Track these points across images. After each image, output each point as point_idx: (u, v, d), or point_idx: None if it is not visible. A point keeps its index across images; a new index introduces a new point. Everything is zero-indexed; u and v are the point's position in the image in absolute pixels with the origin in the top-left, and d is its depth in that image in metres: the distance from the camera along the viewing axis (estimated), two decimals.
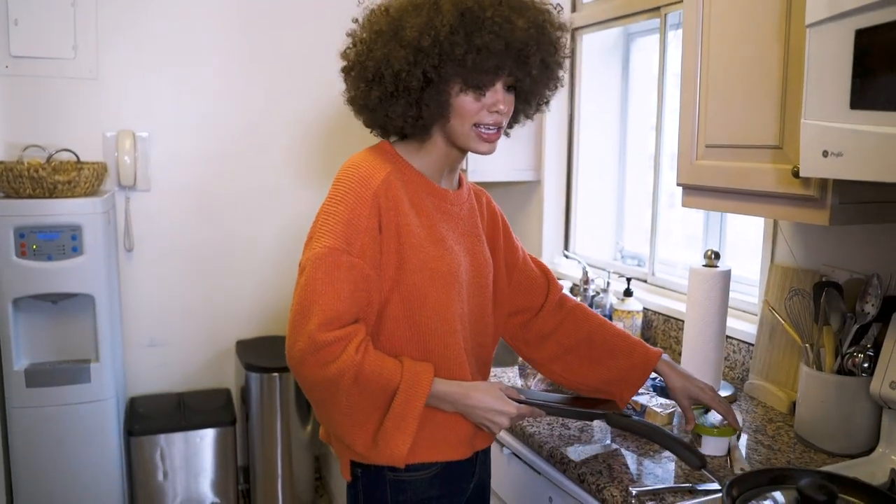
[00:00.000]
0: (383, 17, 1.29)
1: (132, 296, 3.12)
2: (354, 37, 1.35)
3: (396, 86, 1.26)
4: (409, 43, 1.24)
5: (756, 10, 1.40)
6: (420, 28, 1.23)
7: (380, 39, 1.27)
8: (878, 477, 1.37)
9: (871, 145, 1.09)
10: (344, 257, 1.23)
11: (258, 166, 3.27)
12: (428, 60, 1.24)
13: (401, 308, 1.31)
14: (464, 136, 1.32)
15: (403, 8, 1.28)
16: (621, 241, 2.83)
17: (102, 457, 2.74)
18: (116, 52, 2.95)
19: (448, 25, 1.23)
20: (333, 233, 1.24)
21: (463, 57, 1.24)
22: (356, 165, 1.31)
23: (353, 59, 1.34)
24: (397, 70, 1.25)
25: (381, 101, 1.30)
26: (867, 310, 1.49)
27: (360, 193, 1.26)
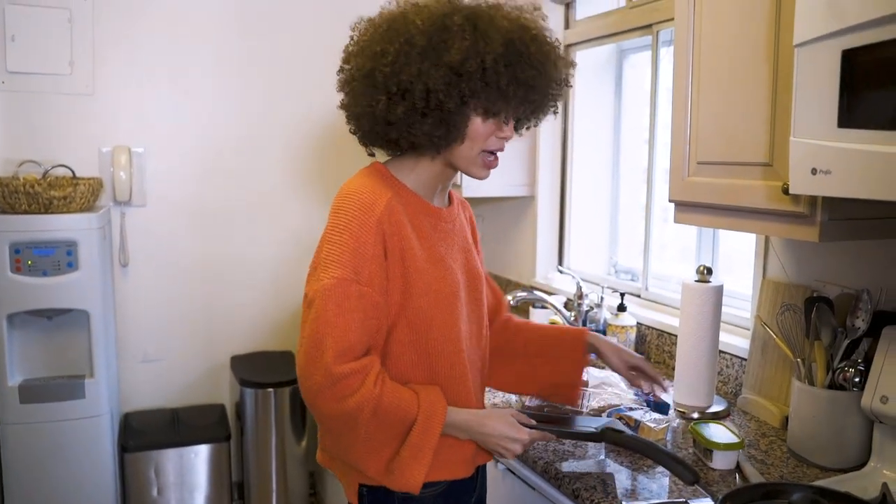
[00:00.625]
0: (415, 29, 1.25)
1: (127, 311, 3.12)
2: (367, 42, 1.30)
3: (428, 103, 1.24)
4: (451, 64, 1.22)
5: (745, 29, 1.42)
6: (465, 52, 1.22)
7: (413, 53, 1.24)
8: (870, 491, 1.38)
9: (858, 163, 1.11)
10: (353, 287, 1.22)
11: (254, 182, 3.28)
12: (468, 84, 1.24)
13: (407, 332, 1.31)
14: (468, 161, 1.33)
15: (440, 24, 1.25)
16: (615, 256, 2.84)
17: (96, 473, 2.73)
18: (112, 67, 2.97)
19: (494, 54, 1.23)
20: (340, 262, 1.23)
21: (506, 88, 1.25)
22: (357, 192, 1.29)
23: (368, 66, 1.28)
24: (433, 89, 1.23)
25: (405, 116, 1.26)
26: (858, 325, 1.51)
27: (363, 221, 1.25)
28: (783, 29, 1.33)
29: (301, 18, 3.26)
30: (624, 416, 1.68)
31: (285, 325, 3.43)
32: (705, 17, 1.52)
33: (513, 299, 2.52)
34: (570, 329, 1.67)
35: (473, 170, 1.34)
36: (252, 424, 3.03)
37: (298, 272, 3.36)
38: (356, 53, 1.32)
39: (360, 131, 1.38)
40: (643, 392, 1.71)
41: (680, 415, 1.83)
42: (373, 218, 1.25)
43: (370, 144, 1.41)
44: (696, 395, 1.83)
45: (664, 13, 2.26)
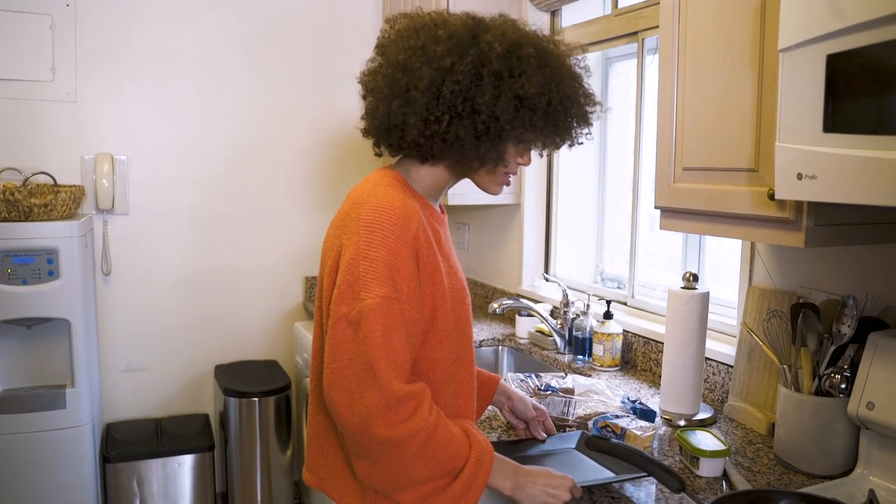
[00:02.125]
0: (492, 52, 1.22)
1: (109, 320, 3.08)
2: (432, 52, 1.24)
3: (489, 129, 1.24)
4: (523, 97, 1.23)
5: (730, 34, 1.42)
6: (539, 87, 1.23)
7: (486, 76, 1.22)
8: (857, 498, 1.37)
9: (844, 168, 1.11)
10: (396, 305, 1.19)
11: (238, 190, 3.26)
12: (530, 118, 1.25)
13: (436, 349, 1.30)
14: (490, 180, 1.35)
15: (516, 52, 1.24)
16: (601, 263, 2.84)
17: (77, 484, 2.69)
18: (95, 74, 2.94)
19: (561, 95, 1.26)
20: (381, 280, 1.18)
21: (560, 126, 1.29)
22: (390, 206, 1.23)
23: (433, 77, 1.23)
24: (501, 117, 1.23)
25: (463, 137, 1.24)
26: (843, 331, 1.50)
27: (401, 236, 1.21)
28: (768, 34, 1.33)
29: (288, 27, 3.25)
30: (610, 424, 1.67)
31: (270, 334, 3.40)
32: (690, 23, 1.52)
33: (499, 307, 2.51)
34: (484, 372, 1.66)
35: (492, 188, 1.37)
36: (236, 434, 3.00)
37: (282, 281, 3.37)
38: (415, 59, 1.25)
39: (394, 138, 1.31)
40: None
41: (666, 422, 1.82)
42: (409, 233, 1.22)
43: (386, 146, 1.36)
44: (683, 402, 1.82)
45: (649, 21, 2.27)
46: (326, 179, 3.40)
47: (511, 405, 1.66)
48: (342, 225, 1.28)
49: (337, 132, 3.35)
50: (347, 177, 3.40)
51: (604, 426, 1.68)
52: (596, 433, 1.67)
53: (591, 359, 2.34)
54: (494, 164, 1.31)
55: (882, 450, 1.43)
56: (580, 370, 2.28)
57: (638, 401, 1.82)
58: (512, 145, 1.30)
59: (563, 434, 1.68)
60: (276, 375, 3.16)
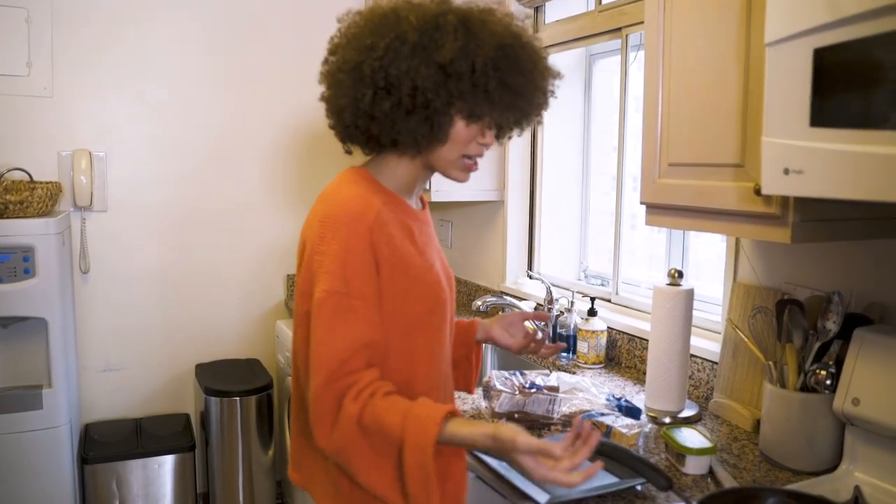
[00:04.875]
0: (408, 25, 1.22)
1: (88, 319, 3.04)
2: (356, 35, 1.27)
3: (414, 100, 1.22)
4: (441, 63, 1.20)
5: (716, 29, 1.41)
6: (456, 52, 1.20)
7: (403, 49, 1.21)
8: (842, 494, 1.37)
9: (830, 162, 1.10)
10: (345, 300, 1.18)
11: (218, 187, 3.22)
12: (456, 85, 1.22)
13: (401, 341, 1.27)
14: (449, 163, 1.31)
15: (432, 22, 1.23)
16: (585, 261, 2.83)
17: (55, 486, 2.65)
18: (72, 69, 2.90)
19: (484, 57, 1.21)
20: (331, 274, 1.19)
21: (493, 92, 1.23)
22: (345, 200, 1.25)
23: (355, 60, 1.25)
24: (421, 86, 1.21)
25: (390, 111, 1.23)
26: (829, 327, 1.50)
27: (354, 230, 1.21)
28: (754, 28, 1.32)
29: (269, 23, 3.21)
30: (595, 422, 1.66)
31: (251, 332, 3.37)
32: (675, 17, 1.51)
33: (482, 304, 2.49)
34: (462, 320, 1.65)
35: (453, 172, 1.33)
36: (217, 434, 2.96)
37: (263, 279, 3.34)
38: (343, 45, 1.28)
39: (340, 125, 1.33)
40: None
41: (652, 420, 1.81)
42: (363, 227, 1.21)
43: (349, 141, 1.36)
44: (668, 399, 1.81)
45: (633, 17, 2.26)
46: (306, 176, 3.37)
47: (497, 333, 1.63)
48: (308, 223, 1.31)
49: (315, 128, 3.32)
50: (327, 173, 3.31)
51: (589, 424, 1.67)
52: None
53: (575, 356, 2.33)
54: (436, 140, 1.27)
55: (867, 445, 1.43)
56: (565, 368, 2.27)
57: (623, 398, 1.81)
58: (457, 121, 1.26)
59: (555, 436, 1.67)
60: (257, 374, 3.12)
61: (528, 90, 1.29)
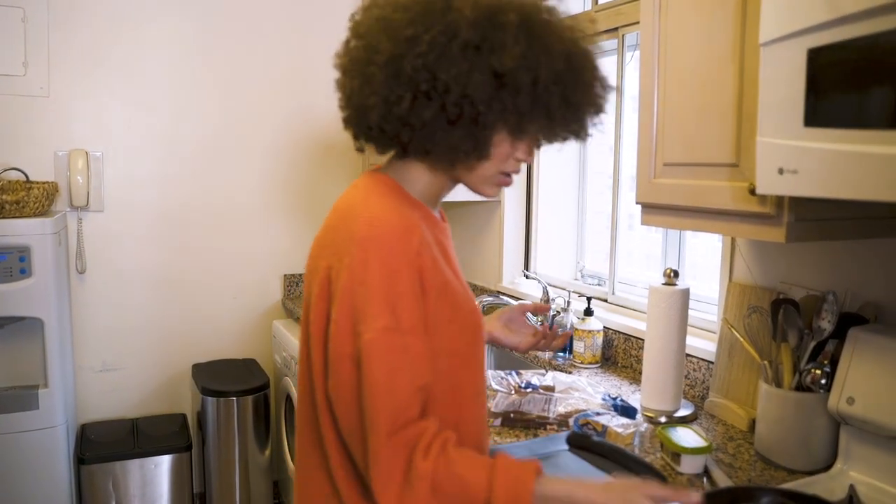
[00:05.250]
0: (461, 19, 1.03)
1: (84, 319, 3.04)
2: (393, 22, 1.06)
3: (461, 112, 1.04)
4: (499, 72, 1.03)
5: (711, 28, 1.41)
6: (519, 60, 1.03)
7: (454, 48, 1.02)
8: (837, 493, 1.37)
9: (824, 162, 1.10)
10: (398, 338, 1.02)
11: (215, 187, 3.22)
12: (513, 99, 1.05)
13: (446, 379, 1.11)
14: (483, 180, 1.16)
15: (492, 20, 1.03)
16: (582, 260, 2.83)
17: (51, 486, 2.65)
18: (69, 68, 2.89)
19: (550, 70, 1.05)
20: (379, 308, 1.01)
21: (554, 110, 1.08)
22: (386, 218, 1.06)
23: (390, 52, 1.05)
24: (473, 97, 1.03)
25: (431, 122, 1.05)
26: (824, 326, 1.50)
27: (401, 255, 1.04)
28: (749, 28, 1.32)
29: (266, 24, 3.21)
30: (591, 422, 1.66)
31: (248, 332, 3.37)
32: (671, 17, 1.51)
33: (479, 304, 2.49)
34: None
35: (485, 189, 1.18)
36: (214, 434, 2.96)
37: (260, 278, 3.34)
38: (374, 30, 1.08)
39: (361, 125, 1.14)
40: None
41: (647, 419, 1.82)
42: (411, 250, 1.05)
43: (368, 141, 1.17)
44: (664, 398, 1.81)
45: (629, 16, 2.26)
46: (304, 176, 3.36)
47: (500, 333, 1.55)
48: (330, 242, 1.10)
49: (314, 129, 3.32)
50: (326, 174, 3.37)
51: (585, 424, 1.67)
52: (577, 431, 1.66)
53: (571, 356, 2.33)
54: (477, 157, 1.11)
55: (862, 445, 1.44)
56: (561, 367, 2.27)
57: (619, 398, 1.82)
58: (502, 136, 1.10)
59: (552, 436, 1.67)
60: (254, 374, 3.12)
61: (588, 108, 1.15)
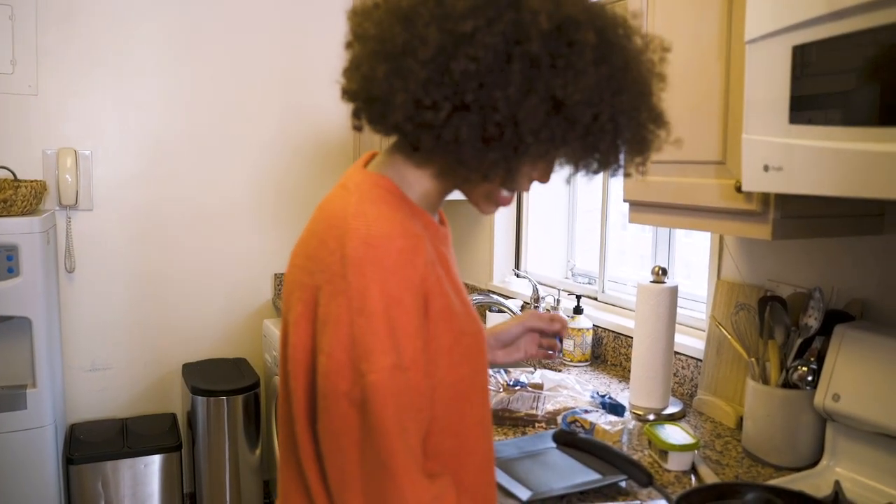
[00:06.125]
0: (533, 26, 0.83)
1: (73, 318, 3.02)
2: (453, 14, 0.84)
3: (502, 134, 0.87)
4: (562, 101, 0.86)
5: (697, 27, 1.42)
6: (586, 93, 0.86)
7: (516, 60, 0.84)
8: (823, 489, 1.38)
9: (809, 159, 1.11)
10: (402, 376, 0.87)
11: (205, 186, 3.21)
12: (563, 133, 0.88)
13: (446, 411, 0.96)
14: (486, 194, 1.01)
15: (566, 34, 0.85)
16: (572, 259, 2.83)
17: (40, 486, 2.63)
18: (58, 67, 2.88)
19: (615, 109, 0.89)
20: (384, 344, 0.86)
21: (604, 152, 0.94)
22: (387, 236, 0.89)
23: (437, 43, 0.84)
24: (524, 125, 0.86)
25: (465, 138, 0.87)
26: (810, 323, 1.51)
27: (405, 279, 0.88)
28: (735, 26, 1.33)
29: (257, 23, 3.20)
30: (579, 419, 1.67)
31: (238, 331, 3.36)
32: (658, 15, 1.52)
33: None
34: None
35: (485, 206, 1.03)
36: (204, 433, 2.95)
37: (250, 277, 3.33)
38: (424, 10, 0.86)
39: (373, 114, 0.94)
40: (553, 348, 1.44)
41: (636, 416, 1.82)
42: (416, 275, 0.89)
43: (367, 121, 0.97)
44: (652, 396, 1.82)
45: None
46: (295, 175, 3.35)
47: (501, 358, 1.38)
48: (316, 255, 0.92)
49: (306, 128, 3.31)
50: (317, 173, 3.37)
51: (573, 421, 1.67)
52: (565, 428, 1.67)
53: (561, 354, 2.33)
54: (501, 182, 0.97)
55: (847, 441, 1.44)
56: (551, 365, 2.27)
57: (607, 395, 1.82)
58: (530, 160, 0.93)
59: (540, 433, 1.67)
60: (244, 373, 3.11)
61: (636, 148, 0.97)
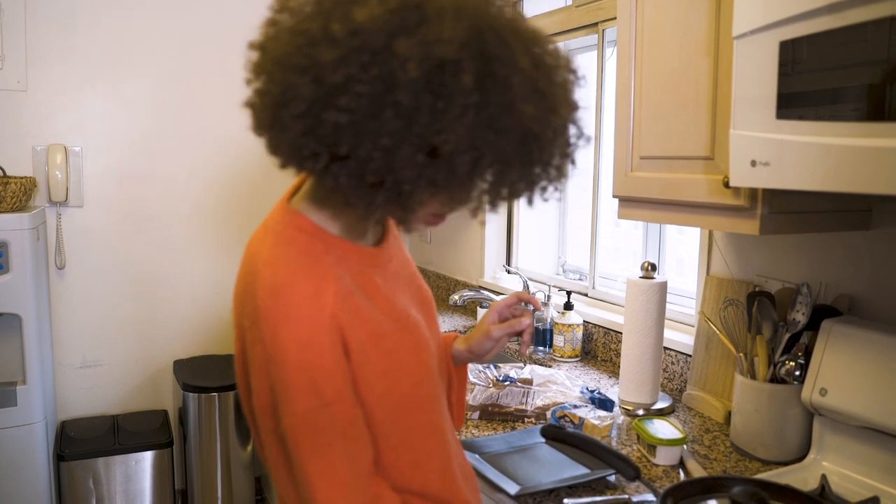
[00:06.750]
0: (405, 80, 0.78)
1: (64, 315, 3.01)
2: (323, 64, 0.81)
3: (382, 182, 0.85)
4: (434, 147, 0.81)
5: (687, 22, 1.42)
6: (463, 136, 0.80)
7: (387, 109, 0.79)
8: (810, 483, 1.38)
9: (796, 154, 1.11)
10: (323, 414, 0.89)
11: (195, 183, 3.20)
12: (446, 177, 0.84)
13: (392, 427, 0.98)
14: (408, 220, 0.94)
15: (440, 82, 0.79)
16: (564, 255, 2.84)
17: (30, 484, 2.62)
18: (47, 62, 2.86)
19: (502, 159, 0.84)
20: (297, 390, 0.89)
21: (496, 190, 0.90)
22: (290, 284, 0.91)
23: (312, 100, 0.82)
24: (398, 172, 0.83)
25: (347, 185, 0.87)
26: (798, 318, 1.51)
27: (312, 324, 0.89)
28: (723, 22, 1.33)
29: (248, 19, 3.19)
30: (568, 414, 1.67)
31: (229, 328, 3.33)
32: (647, 10, 1.52)
33: (460, 298, 2.50)
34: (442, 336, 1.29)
35: (410, 227, 0.98)
36: (195, 430, 2.95)
37: None
38: (294, 60, 0.85)
39: (272, 153, 0.99)
40: None
41: (625, 412, 1.83)
42: (324, 316, 0.90)
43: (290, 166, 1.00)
44: (641, 391, 1.82)
45: (609, 12, 2.27)
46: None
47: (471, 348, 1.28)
48: (240, 297, 0.99)
49: None
50: None
51: (562, 416, 1.68)
52: (554, 423, 1.67)
53: (551, 350, 2.34)
54: (398, 222, 0.96)
55: (834, 435, 1.45)
56: (541, 361, 2.28)
57: (597, 391, 1.82)
58: (420, 202, 0.89)
59: (529, 428, 1.68)
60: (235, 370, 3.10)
61: (541, 183, 0.95)
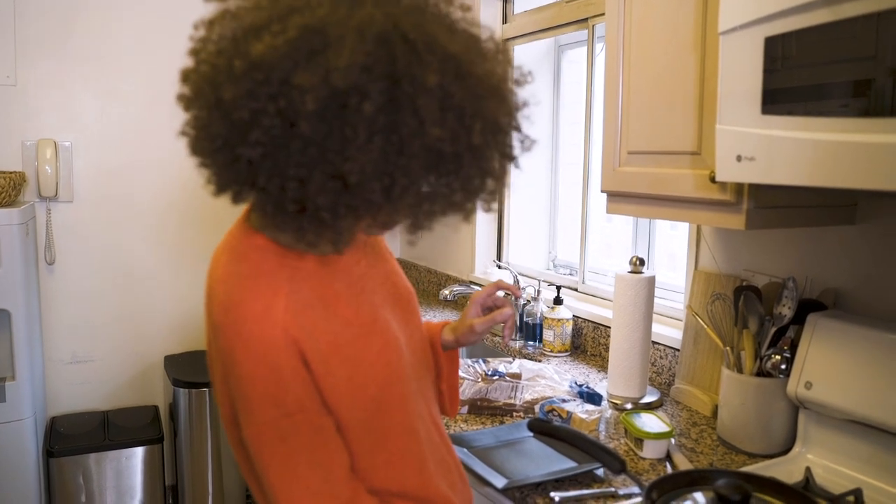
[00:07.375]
0: (303, 112, 0.79)
1: (53, 310, 3.00)
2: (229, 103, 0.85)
3: (303, 210, 0.86)
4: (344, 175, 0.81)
5: (674, 18, 1.42)
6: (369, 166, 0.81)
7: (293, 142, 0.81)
8: (795, 475, 1.39)
9: (781, 149, 1.12)
10: (285, 422, 0.92)
11: (188, 177, 3.18)
12: (364, 202, 0.85)
13: (364, 430, 1.01)
14: (340, 241, 0.95)
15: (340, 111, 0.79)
16: (554, 250, 2.85)
17: (19, 480, 2.61)
18: (37, 56, 2.85)
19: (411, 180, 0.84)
20: (256, 402, 0.92)
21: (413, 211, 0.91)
22: (240, 303, 0.95)
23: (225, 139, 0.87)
24: (314, 200, 0.84)
25: (276, 213, 0.90)
26: (784, 312, 1.52)
27: (264, 340, 0.92)
28: (710, 18, 1.33)
29: None
30: (556, 408, 1.68)
31: None
32: (635, 6, 1.53)
33: (450, 293, 2.50)
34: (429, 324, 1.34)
35: (341, 248, 0.97)
36: (186, 426, 2.94)
37: None
38: (207, 100, 0.92)
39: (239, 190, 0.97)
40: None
41: (613, 406, 1.83)
42: (276, 330, 0.92)
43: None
44: (630, 385, 1.83)
45: (599, 7, 2.27)
46: None
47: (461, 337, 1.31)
48: (206, 309, 1.06)
49: None
50: None
51: (550, 410, 1.68)
52: (542, 417, 1.68)
53: (541, 344, 2.35)
54: (330, 244, 0.95)
55: (819, 428, 1.46)
56: (531, 356, 2.29)
57: (585, 385, 1.83)
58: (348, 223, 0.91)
59: (517, 422, 1.68)
60: None
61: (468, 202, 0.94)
